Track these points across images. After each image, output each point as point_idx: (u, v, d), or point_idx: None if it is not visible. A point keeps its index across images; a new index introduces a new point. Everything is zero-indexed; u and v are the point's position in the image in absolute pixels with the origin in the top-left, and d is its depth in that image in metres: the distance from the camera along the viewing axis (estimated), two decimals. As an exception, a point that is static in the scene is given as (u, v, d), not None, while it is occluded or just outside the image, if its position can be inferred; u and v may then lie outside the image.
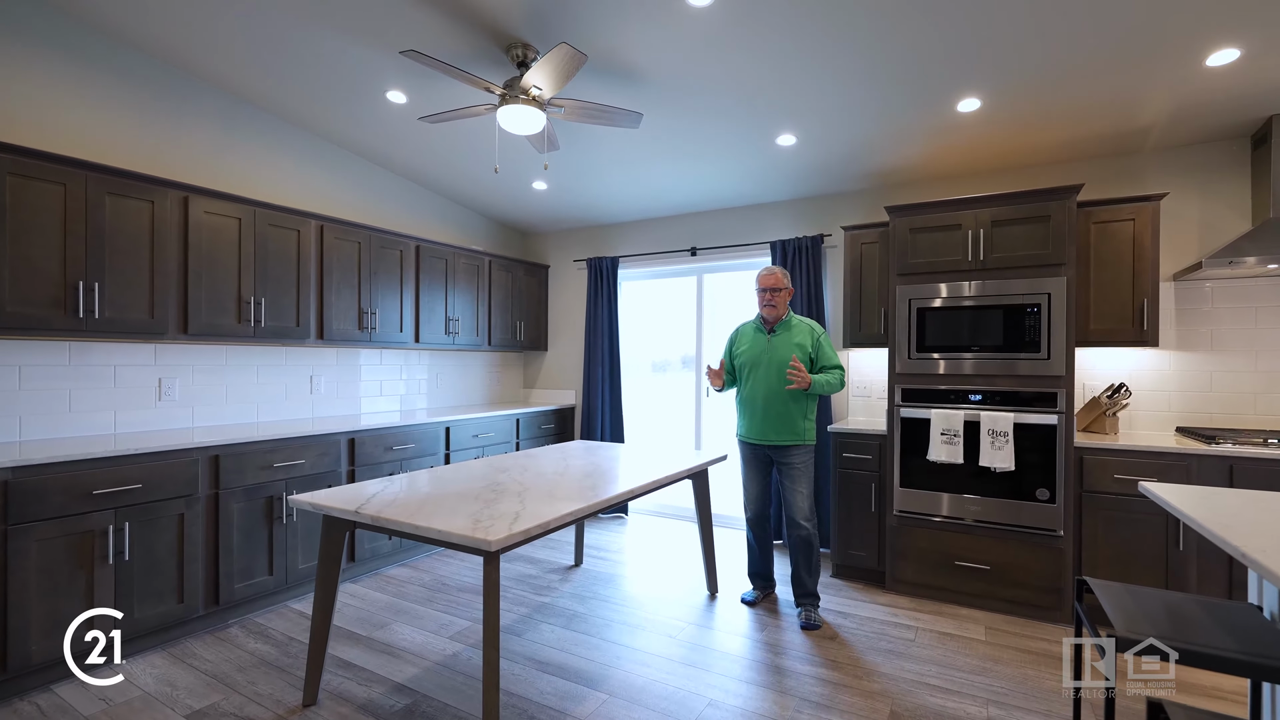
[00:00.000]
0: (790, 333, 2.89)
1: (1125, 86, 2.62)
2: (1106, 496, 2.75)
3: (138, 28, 2.73)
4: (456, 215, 4.73)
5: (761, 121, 3.14)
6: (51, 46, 2.66)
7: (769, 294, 2.89)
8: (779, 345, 2.86)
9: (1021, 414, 2.85)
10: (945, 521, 3.04)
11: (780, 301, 2.90)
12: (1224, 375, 3.01)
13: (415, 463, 3.64)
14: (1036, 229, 2.86)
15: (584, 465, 2.69)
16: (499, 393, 5.16)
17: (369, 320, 3.66)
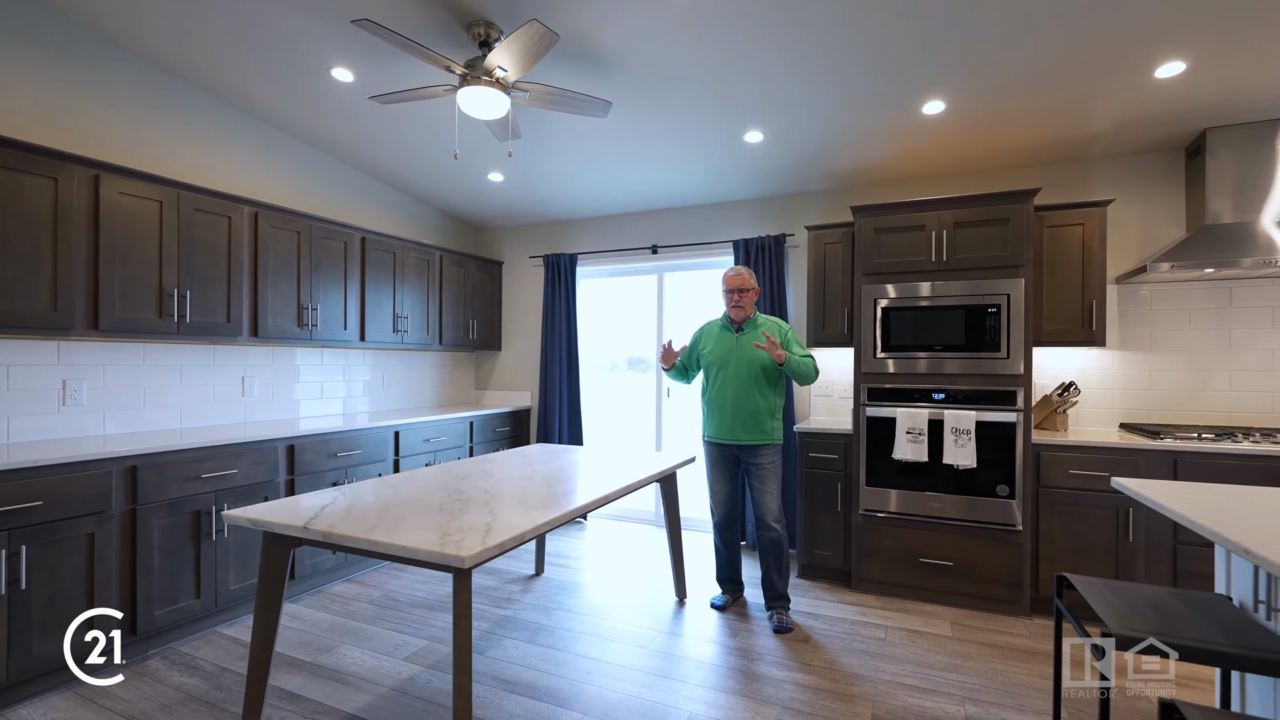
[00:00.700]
0: (757, 331, 2.85)
1: (1081, 94, 2.71)
2: (1062, 491, 2.84)
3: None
4: (405, 207, 4.47)
5: (730, 116, 3.09)
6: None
7: (736, 295, 2.85)
8: (747, 344, 2.82)
9: (983, 412, 2.91)
10: (910, 519, 3.07)
11: (747, 302, 2.87)
12: (1162, 374, 3.18)
13: (362, 470, 3.39)
14: (997, 231, 2.93)
15: (550, 470, 2.55)
16: (450, 394, 4.91)
17: (309, 317, 3.37)
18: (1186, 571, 2.64)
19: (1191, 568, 2.64)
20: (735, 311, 2.86)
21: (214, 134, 3.24)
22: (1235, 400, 3.05)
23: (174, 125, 3.06)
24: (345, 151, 3.79)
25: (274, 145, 3.53)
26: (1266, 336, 3.00)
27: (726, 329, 2.92)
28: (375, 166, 3.99)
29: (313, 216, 3.41)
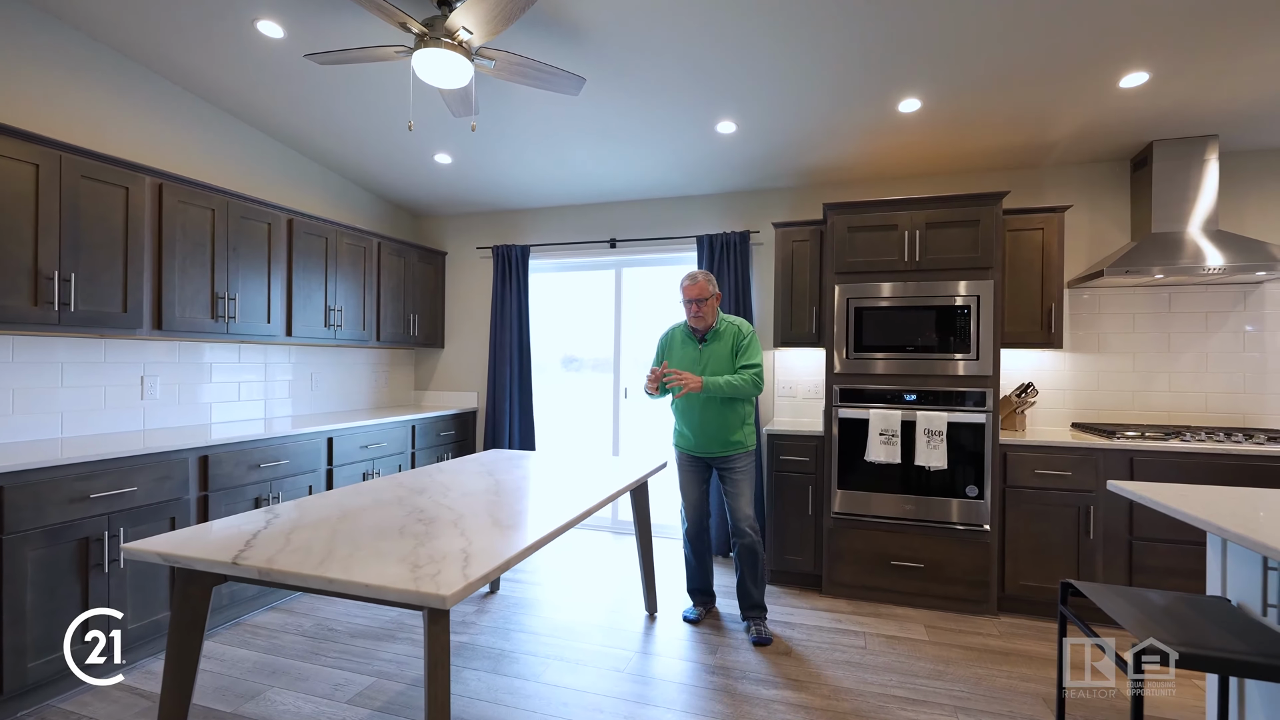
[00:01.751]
0: (721, 340, 2.70)
1: (1048, 99, 2.75)
2: (1028, 491, 2.88)
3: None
4: (338, 189, 4.04)
5: (704, 103, 2.94)
6: None
7: (695, 305, 2.65)
8: (711, 354, 2.69)
9: (954, 413, 2.91)
10: (881, 522, 3.03)
11: (708, 311, 2.68)
12: (1109, 375, 3.32)
13: (290, 484, 2.99)
14: (967, 233, 2.93)
15: (515, 481, 2.31)
16: (388, 396, 4.51)
17: (225, 307, 2.94)
18: (1142, 566, 2.74)
19: (1147, 562, 2.73)
20: (696, 322, 2.69)
21: (111, 92, 2.75)
22: (1174, 400, 3.22)
23: (62, 80, 2.57)
24: (270, 121, 3.34)
25: (185, 110, 3.06)
26: (1200, 340, 3.18)
27: (690, 338, 2.76)
28: (305, 141, 3.56)
29: (230, 192, 2.97)
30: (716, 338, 2.70)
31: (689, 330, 2.77)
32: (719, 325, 2.73)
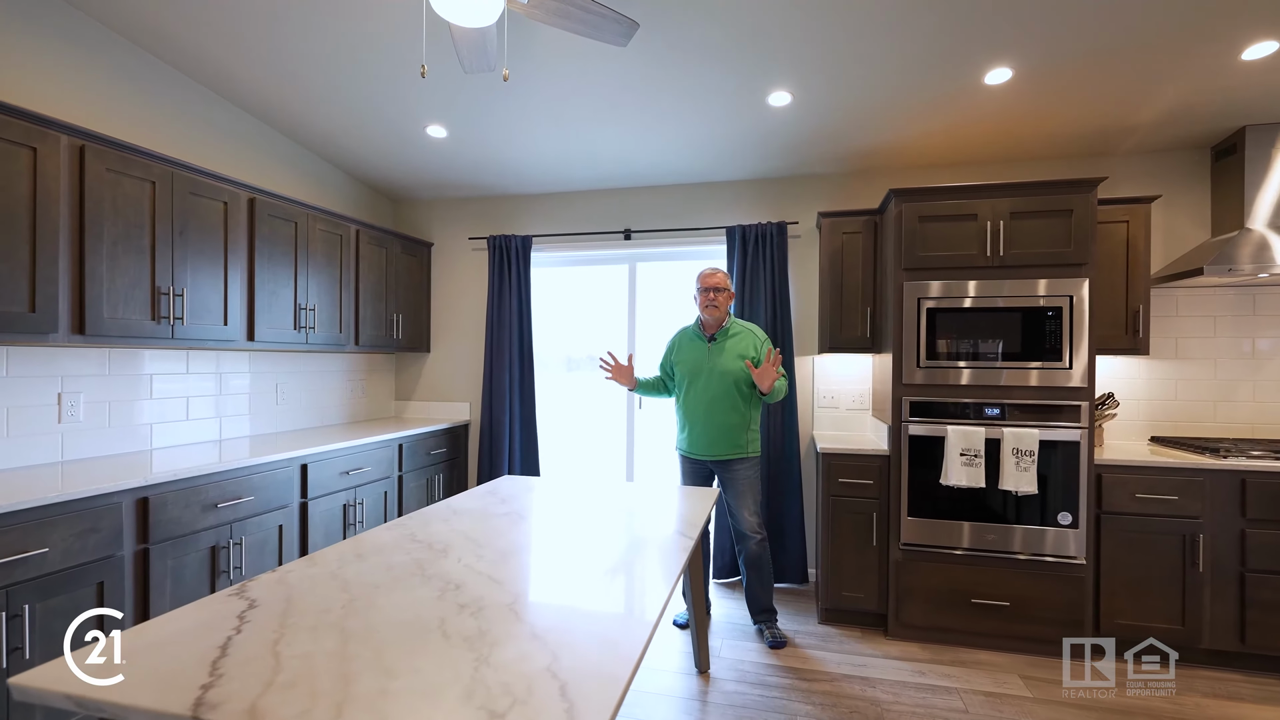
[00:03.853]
0: (732, 340, 2.67)
1: (1152, 73, 2.41)
2: (1126, 517, 2.55)
3: None
4: (305, 167, 3.43)
5: (757, 71, 2.50)
6: None
7: (712, 294, 2.65)
8: (719, 354, 2.66)
9: (1046, 430, 2.55)
10: (959, 554, 2.66)
11: (723, 303, 2.67)
12: (1188, 383, 3.03)
13: (255, 526, 2.41)
14: (1057, 224, 2.58)
15: (557, 527, 1.81)
16: (364, 408, 3.91)
17: (170, 306, 2.34)
18: (1256, 600, 2.43)
19: (1260, 596, 2.43)
20: (710, 312, 2.65)
21: (13, 33, 2.12)
22: (1256, 411, 2.95)
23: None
24: (221, 77, 2.74)
25: (113, 57, 2.44)
26: (1288, 346, 2.92)
27: (698, 337, 2.74)
28: (266, 103, 2.95)
29: (176, 161, 2.37)
30: (726, 338, 2.67)
31: (698, 329, 2.74)
32: (729, 326, 2.69)
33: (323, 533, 2.75)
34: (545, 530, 1.80)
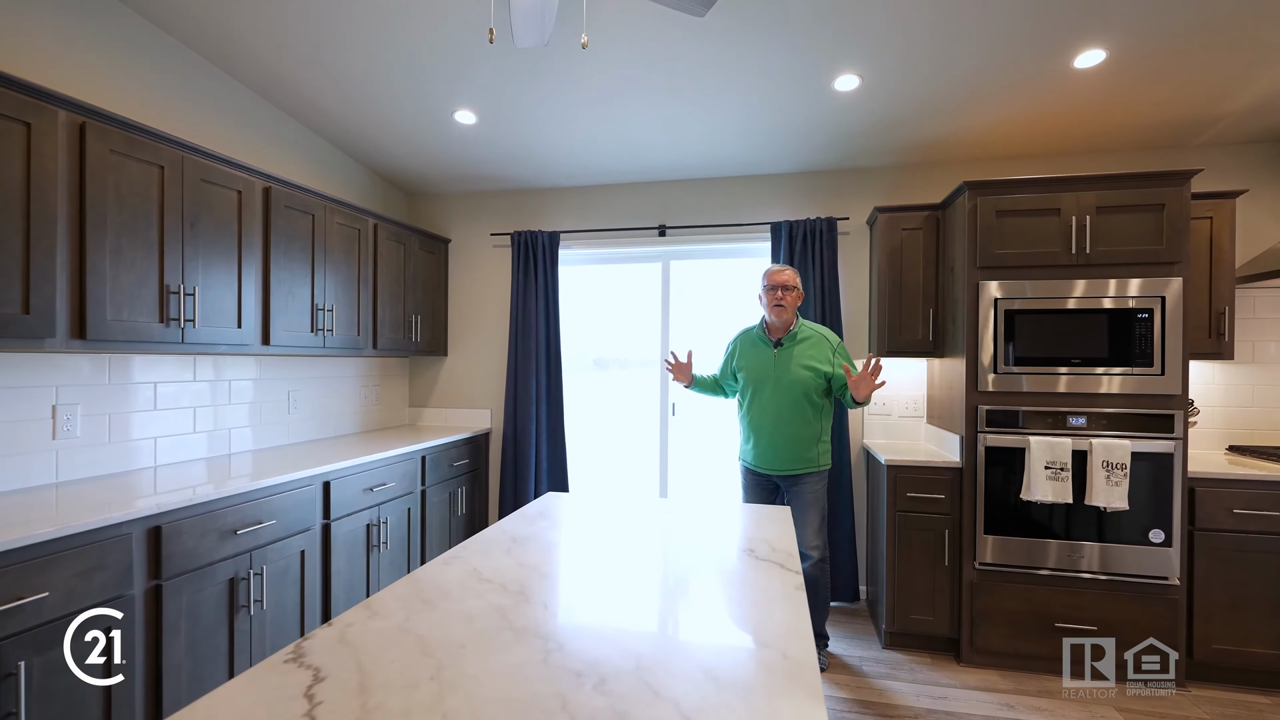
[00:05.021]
0: (800, 345, 2.45)
1: (1247, 58, 2.24)
2: (1223, 534, 2.37)
3: None
4: (317, 155, 3.17)
5: (825, 51, 2.29)
6: None
7: (779, 292, 2.43)
8: (787, 361, 2.44)
9: (1139, 441, 2.37)
10: (1042, 574, 2.47)
11: (790, 303, 2.45)
12: (1265, 389, 2.87)
13: (277, 553, 2.15)
14: (1147, 219, 2.40)
15: (632, 557, 1.58)
16: (379, 415, 3.65)
17: (180, 307, 2.08)
18: (1365, 625, 2.27)
19: (1369, 620, 2.27)
20: (776, 313, 2.44)
21: None
22: (1340, 419, 2.80)
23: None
24: (229, 49, 2.47)
25: (115, 28, 2.17)
26: (1373, 349, 2.77)
27: (763, 341, 2.52)
28: (281, 86, 2.69)
29: (186, 144, 2.11)
30: (794, 342, 2.46)
31: (763, 331, 2.54)
32: (798, 330, 2.48)
33: (345, 558, 2.50)
34: (627, 565, 1.56)
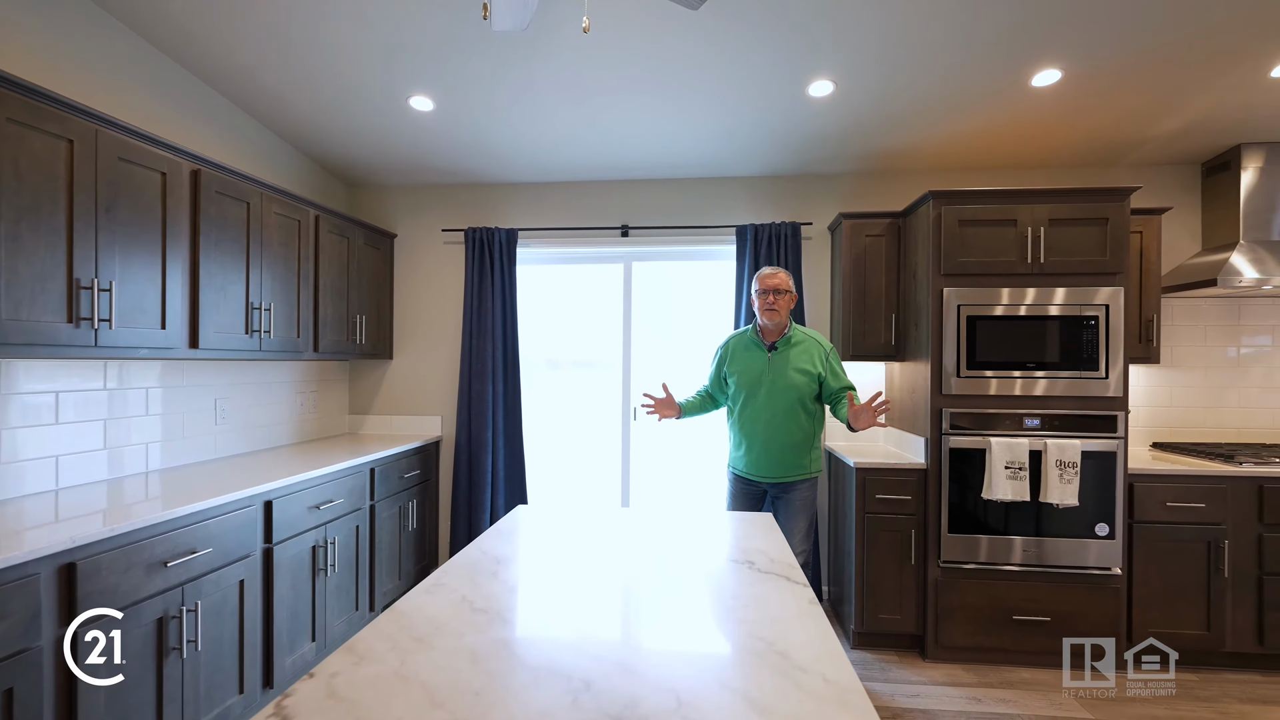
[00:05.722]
0: (795, 350, 2.39)
1: (1182, 85, 2.43)
2: (1158, 526, 2.56)
3: None
4: (249, 137, 2.86)
5: (806, 54, 2.29)
6: None
7: (771, 296, 2.37)
8: (781, 365, 2.37)
9: (1088, 441, 2.51)
10: (1001, 570, 2.57)
11: (783, 307, 2.38)
12: (1182, 391, 3.13)
13: (212, 585, 1.90)
14: (1094, 232, 2.55)
15: (647, 575, 1.49)
16: (315, 424, 3.35)
17: (95, 304, 1.79)
18: (1274, 604, 2.51)
19: (1277, 599, 2.51)
20: (769, 316, 2.37)
21: None
22: (1243, 417, 3.10)
23: None
24: (151, 15, 2.18)
25: (3, -27, 1.84)
26: (1269, 354, 3.08)
27: (756, 345, 2.44)
28: (204, 55, 2.40)
29: (102, 117, 1.82)
30: (788, 346, 2.39)
31: (756, 335, 2.45)
32: (792, 334, 2.41)
33: (289, 585, 2.25)
34: (625, 583, 1.47)
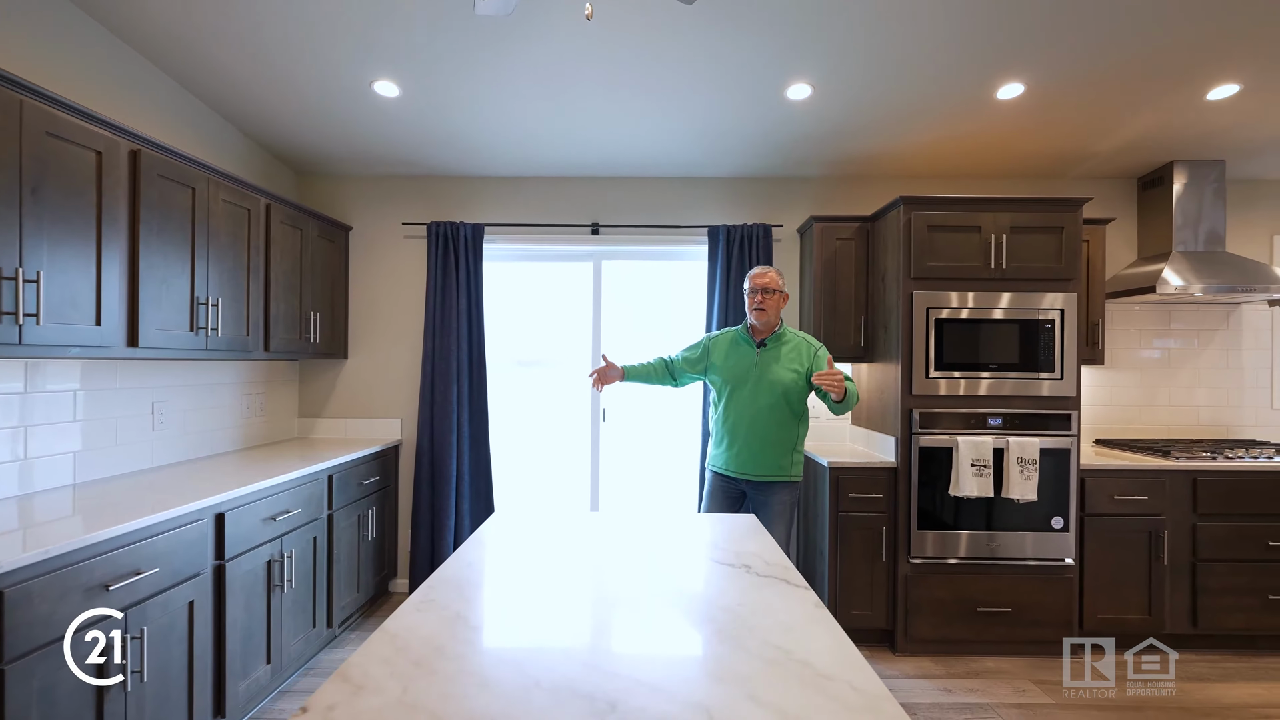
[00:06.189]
0: (785, 348, 2.38)
1: (1131, 103, 2.58)
2: (1106, 518, 2.72)
3: None
4: (189, 116, 2.63)
5: (786, 56, 2.30)
6: None
7: (760, 295, 2.35)
8: (769, 361, 2.36)
9: (1045, 438, 2.64)
10: (966, 564, 2.67)
11: (771, 306, 2.36)
12: (1120, 390, 3.35)
13: (158, 607, 1.72)
14: (1050, 240, 2.68)
15: (646, 584, 1.44)
16: (263, 429, 3.12)
17: (19, 296, 1.59)
18: (1205, 588, 2.70)
19: (1209, 584, 2.70)
20: (758, 315, 2.35)
21: None
22: (1172, 415, 3.34)
23: None
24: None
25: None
26: (1193, 357, 3.34)
27: (745, 341, 2.43)
28: (150, 30, 2.18)
29: (26, 85, 1.61)
30: (778, 344, 2.38)
31: (746, 332, 2.43)
32: (782, 333, 2.41)
33: (243, 604, 2.07)
34: (623, 590, 1.42)
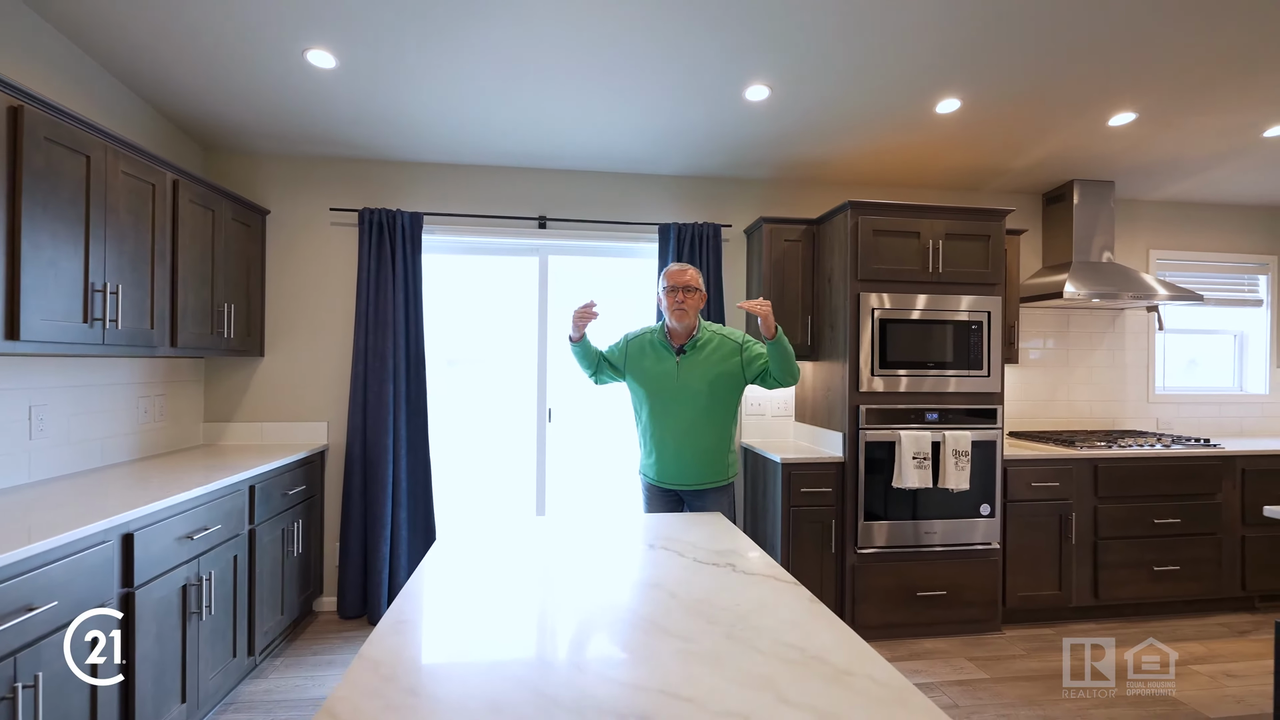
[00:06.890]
0: (705, 351, 2.17)
1: (1046, 124, 2.82)
2: (1025, 504, 2.96)
3: None
4: (81, 77, 2.26)
5: (746, 56, 2.29)
6: None
7: (681, 294, 2.13)
8: (691, 369, 2.16)
9: (975, 432, 2.83)
10: (906, 552, 2.81)
11: (692, 307, 2.16)
12: (1029, 387, 3.67)
13: (52, 650, 1.45)
14: (979, 247, 2.89)
15: (629, 592, 1.39)
16: (163, 436, 2.75)
17: None
18: (1105, 563, 3.01)
19: (1108, 559, 3.02)
20: (678, 317, 2.14)
21: None
22: (1069, 409, 3.71)
23: None
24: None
25: None
26: (1086, 356, 3.72)
27: (664, 348, 2.20)
28: (32, -35, 1.85)
29: (-124, 16, 1.31)
30: (697, 350, 2.17)
31: (664, 337, 2.21)
32: (700, 335, 2.19)
33: (154, 637, 1.80)
34: (612, 593, 1.36)
